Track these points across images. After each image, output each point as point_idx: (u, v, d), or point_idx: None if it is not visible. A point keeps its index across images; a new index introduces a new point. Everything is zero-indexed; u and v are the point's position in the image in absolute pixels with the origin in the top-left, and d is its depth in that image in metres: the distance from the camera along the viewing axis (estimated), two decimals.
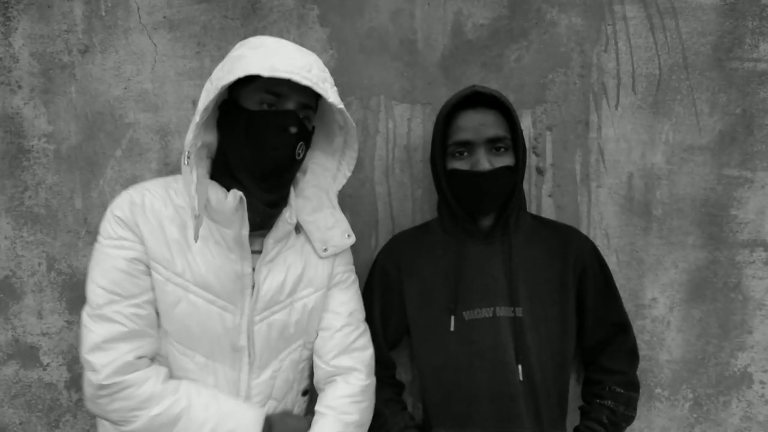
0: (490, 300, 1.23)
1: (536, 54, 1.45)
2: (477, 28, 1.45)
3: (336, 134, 1.23)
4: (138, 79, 1.49)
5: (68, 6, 1.48)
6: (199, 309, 1.10)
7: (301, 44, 1.46)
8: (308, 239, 1.23)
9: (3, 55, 1.50)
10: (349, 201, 1.52)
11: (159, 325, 1.12)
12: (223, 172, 1.13)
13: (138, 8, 1.48)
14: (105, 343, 1.05)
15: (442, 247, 1.29)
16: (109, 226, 1.09)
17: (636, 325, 1.48)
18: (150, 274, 1.09)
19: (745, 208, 1.46)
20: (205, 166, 1.12)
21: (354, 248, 1.52)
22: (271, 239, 1.15)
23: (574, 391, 1.48)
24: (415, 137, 1.48)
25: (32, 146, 1.51)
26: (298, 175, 1.23)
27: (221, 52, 1.48)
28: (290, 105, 1.07)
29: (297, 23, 1.48)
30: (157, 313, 1.11)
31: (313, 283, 1.21)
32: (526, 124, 1.46)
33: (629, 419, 1.30)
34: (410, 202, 1.51)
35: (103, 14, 1.48)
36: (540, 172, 1.47)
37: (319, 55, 1.47)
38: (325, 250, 1.22)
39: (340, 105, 1.10)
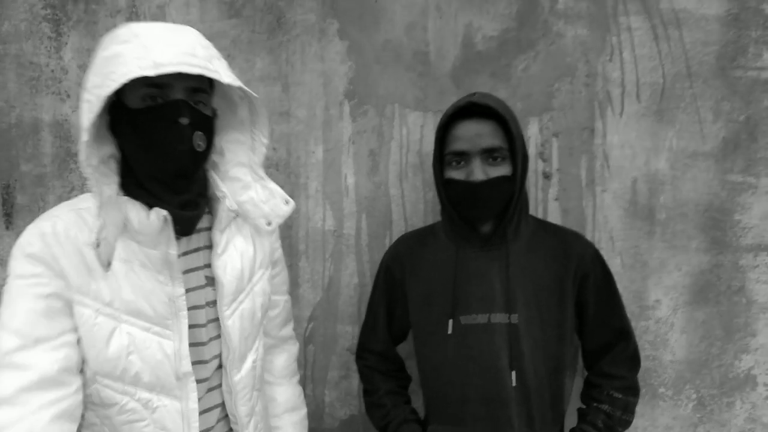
0: (486, 307, 1.25)
1: (543, 64, 1.51)
2: (486, 40, 1.53)
3: (238, 105, 1.12)
4: None
5: (111, 22, 1.62)
6: (135, 339, 0.99)
7: (322, 56, 1.58)
8: (246, 220, 1.16)
9: (54, 68, 1.66)
10: (365, 203, 1.61)
11: (83, 371, 0.99)
12: (133, 184, 1.00)
13: (174, 24, 1.61)
14: (14, 396, 0.88)
15: (444, 251, 1.32)
16: (18, 264, 0.95)
17: (640, 325, 1.53)
18: (71, 314, 0.96)
19: (749, 213, 1.49)
20: (114, 183, 0.99)
21: (369, 248, 1.63)
22: (217, 231, 1.09)
23: (578, 393, 1.54)
24: (427, 143, 1.57)
25: (79, 150, 1.66)
26: (216, 157, 1.14)
27: (249, 64, 1.60)
28: (177, 94, 0.95)
29: (318, 36, 1.58)
30: (83, 360, 0.98)
31: (263, 263, 1.20)
32: (533, 130, 1.53)
33: (626, 424, 1.31)
34: (422, 204, 1.59)
35: None
36: (546, 176, 1.54)
37: (338, 66, 1.58)
38: (269, 224, 1.15)
39: (237, 83, 0.99)
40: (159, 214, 0.97)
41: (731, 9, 1.45)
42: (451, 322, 1.27)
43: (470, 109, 1.21)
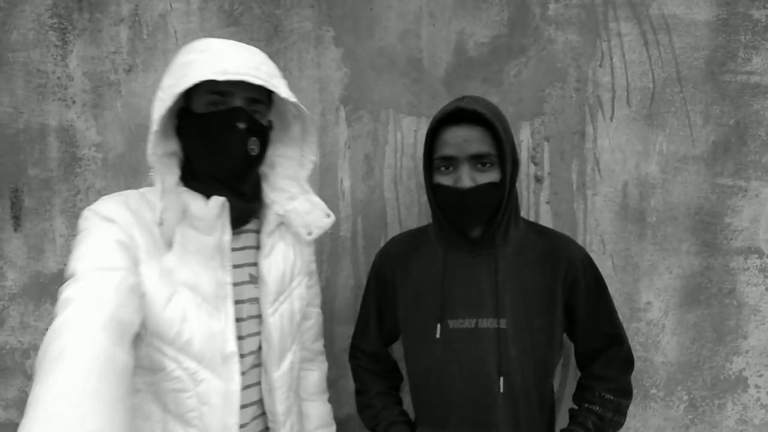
0: (474, 311, 1.25)
1: (534, 69, 1.54)
2: (478, 46, 1.56)
3: (292, 124, 1.24)
4: None
5: (115, 31, 1.67)
6: (190, 309, 1.06)
7: (319, 63, 1.61)
8: (289, 229, 1.25)
9: (60, 75, 1.71)
10: (360, 206, 1.64)
11: (144, 330, 1.04)
12: (193, 178, 1.12)
13: (175, 32, 1.66)
14: (84, 274, 0.92)
15: (433, 255, 1.33)
16: (90, 221, 1.02)
17: (631, 327, 1.55)
18: (137, 266, 1.02)
19: (739, 216, 1.50)
20: (176, 174, 1.11)
21: (364, 249, 1.66)
22: (264, 234, 1.19)
23: (570, 396, 1.56)
24: (421, 148, 1.59)
25: (84, 155, 1.71)
26: (267, 169, 1.25)
27: None
28: (237, 102, 1.07)
29: (314, 44, 1.62)
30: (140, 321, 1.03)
31: (302, 270, 1.28)
32: (524, 135, 1.55)
33: (617, 425, 1.31)
34: (417, 207, 1.62)
35: (145, 37, 1.67)
36: (538, 180, 1.56)
37: (334, 72, 1.62)
38: (310, 233, 1.24)
39: (293, 98, 1.10)
40: (217, 201, 1.07)
41: (720, 14, 1.47)
42: (439, 326, 1.27)
43: (459, 114, 1.20)
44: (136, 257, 1.03)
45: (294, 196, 1.23)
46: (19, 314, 1.77)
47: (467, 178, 1.18)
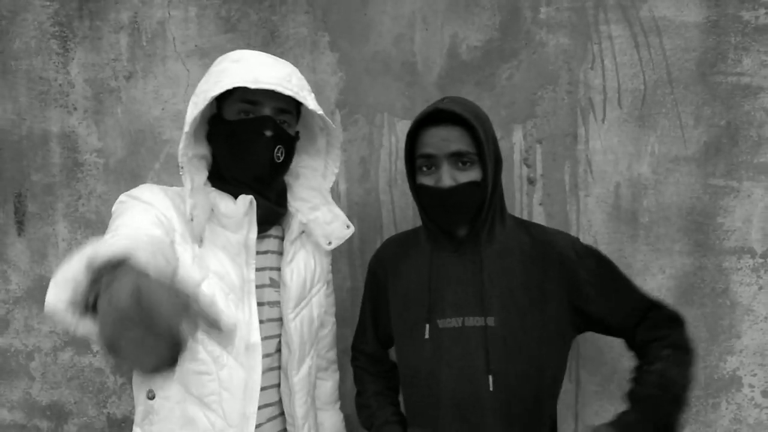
0: (460, 310, 1.25)
1: (526, 72, 1.56)
2: (471, 50, 1.58)
3: (318, 136, 1.30)
4: (174, 101, 1.70)
5: (115, 38, 1.71)
6: (219, 295, 1.11)
7: (314, 68, 1.64)
8: (309, 238, 1.30)
9: (62, 82, 1.74)
10: (356, 208, 1.67)
11: None
12: (220, 181, 1.18)
13: (173, 39, 1.69)
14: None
15: (422, 255, 1.33)
16: (126, 203, 1.08)
17: None
18: (171, 244, 1.04)
19: (732, 217, 1.51)
20: (204, 176, 1.17)
21: (360, 251, 1.68)
22: (288, 241, 1.24)
23: (563, 397, 1.57)
24: None
25: (85, 160, 1.74)
26: (291, 180, 1.30)
27: None
28: (266, 111, 1.13)
29: (310, 49, 1.64)
30: None
31: (321, 278, 1.33)
32: (517, 137, 1.57)
33: (685, 381, 1.15)
34: (411, 209, 1.64)
35: (144, 45, 1.70)
36: (531, 182, 1.58)
37: (329, 77, 1.65)
38: (329, 243, 1.30)
39: (320, 111, 1.16)
40: (245, 199, 1.12)
41: (710, 16, 1.48)
42: (427, 325, 1.27)
43: (438, 115, 1.21)
44: (172, 237, 1.08)
45: (316, 207, 1.29)
46: (23, 317, 1.80)
47: (447, 177, 1.19)
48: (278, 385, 1.26)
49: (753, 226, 1.51)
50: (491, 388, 1.21)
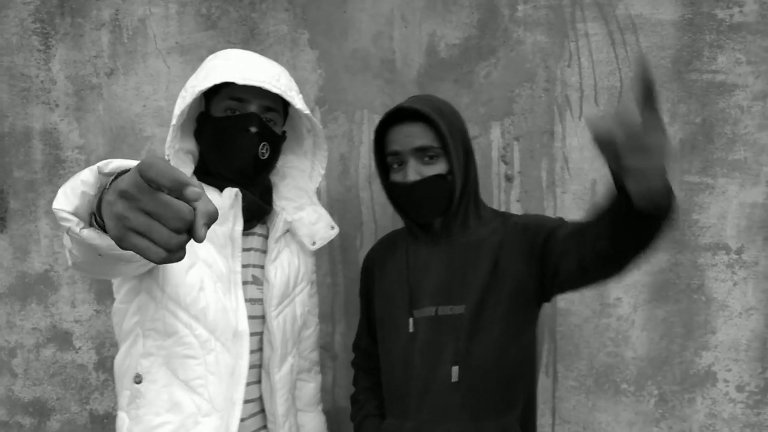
0: (434, 299, 1.27)
1: (504, 70, 1.57)
2: (449, 48, 1.59)
3: (305, 137, 1.33)
4: (155, 97, 1.70)
5: (96, 35, 1.71)
6: (207, 282, 1.12)
7: (294, 65, 1.65)
8: (294, 237, 1.32)
9: (44, 79, 1.75)
10: (336, 205, 1.68)
11: (162, 293, 1.11)
12: (206, 175, 1.19)
13: (154, 36, 1.69)
14: None
15: (403, 249, 1.37)
16: None
17: (601, 323, 1.57)
18: None
19: (707, 213, 1.52)
20: (190, 169, 1.19)
21: (340, 248, 1.69)
22: (272, 239, 1.25)
23: (541, 391, 1.59)
24: None
25: (67, 157, 1.75)
26: (277, 180, 1.32)
27: None
28: (253, 108, 1.15)
29: (290, 46, 1.65)
30: (158, 285, 1.10)
31: (304, 278, 1.34)
32: (495, 135, 1.58)
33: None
34: (390, 206, 1.65)
35: (125, 42, 1.70)
36: (509, 179, 1.59)
37: (309, 74, 1.65)
38: (314, 243, 1.32)
39: (307, 111, 1.20)
40: (230, 191, 1.14)
41: (685, 14, 1.49)
42: (408, 316, 1.30)
43: (402, 113, 1.25)
44: None
45: (302, 206, 1.31)
46: (6, 314, 1.80)
47: (413, 172, 1.23)
48: (258, 382, 1.27)
49: (728, 223, 1.52)
50: (455, 379, 1.22)
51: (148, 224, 0.56)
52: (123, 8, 1.70)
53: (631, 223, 0.94)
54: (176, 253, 0.58)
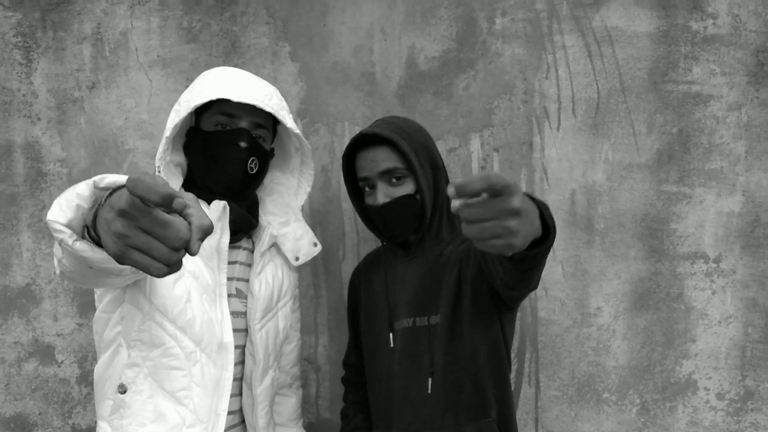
0: (411, 311, 1.30)
1: (483, 82, 1.58)
2: (429, 60, 1.60)
3: (293, 155, 1.36)
4: (137, 110, 1.71)
5: (78, 48, 1.72)
6: (193, 293, 1.13)
7: (275, 78, 1.66)
8: (278, 252, 1.34)
9: (25, 92, 1.75)
10: (318, 216, 1.68)
11: (142, 307, 1.11)
12: (194, 189, 1.22)
13: (136, 49, 1.70)
14: None
15: (384, 265, 1.39)
16: None
17: (582, 332, 1.58)
18: None
19: (685, 222, 1.54)
20: (179, 182, 1.21)
21: (323, 259, 1.69)
22: (258, 253, 1.27)
23: (524, 401, 1.59)
24: None
25: (49, 170, 1.75)
26: (264, 195, 1.35)
27: None
28: (243, 124, 1.18)
29: (271, 59, 1.66)
30: (145, 296, 1.11)
31: (288, 292, 1.35)
32: (475, 146, 1.59)
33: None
34: None
35: (107, 55, 1.71)
36: None
37: (290, 86, 1.66)
38: (297, 259, 1.34)
39: (296, 130, 1.23)
40: (218, 204, 1.16)
41: (661, 26, 1.51)
42: (389, 330, 1.33)
43: (367, 138, 1.27)
44: None
45: (287, 223, 1.33)
46: None
47: (381, 195, 1.27)
48: (239, 395, 1.27)
49: (705, 232, 1.54)
50: (430, 390, 1.25)
51: (148, 242, 0.59)
52: (105, 22, 1.71)
53: (512, 263, 1.00)
54: (175, 267, 0.60)
